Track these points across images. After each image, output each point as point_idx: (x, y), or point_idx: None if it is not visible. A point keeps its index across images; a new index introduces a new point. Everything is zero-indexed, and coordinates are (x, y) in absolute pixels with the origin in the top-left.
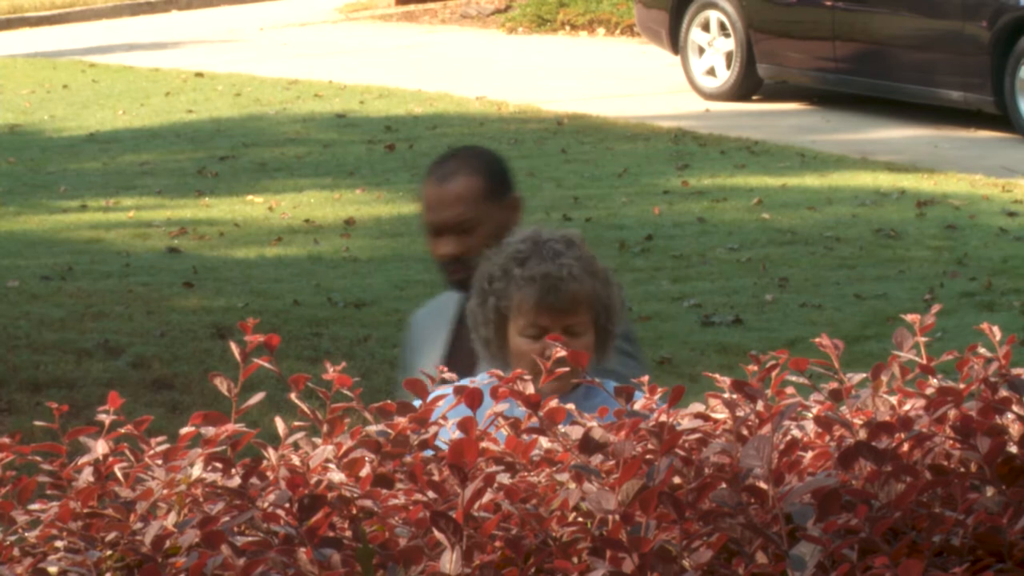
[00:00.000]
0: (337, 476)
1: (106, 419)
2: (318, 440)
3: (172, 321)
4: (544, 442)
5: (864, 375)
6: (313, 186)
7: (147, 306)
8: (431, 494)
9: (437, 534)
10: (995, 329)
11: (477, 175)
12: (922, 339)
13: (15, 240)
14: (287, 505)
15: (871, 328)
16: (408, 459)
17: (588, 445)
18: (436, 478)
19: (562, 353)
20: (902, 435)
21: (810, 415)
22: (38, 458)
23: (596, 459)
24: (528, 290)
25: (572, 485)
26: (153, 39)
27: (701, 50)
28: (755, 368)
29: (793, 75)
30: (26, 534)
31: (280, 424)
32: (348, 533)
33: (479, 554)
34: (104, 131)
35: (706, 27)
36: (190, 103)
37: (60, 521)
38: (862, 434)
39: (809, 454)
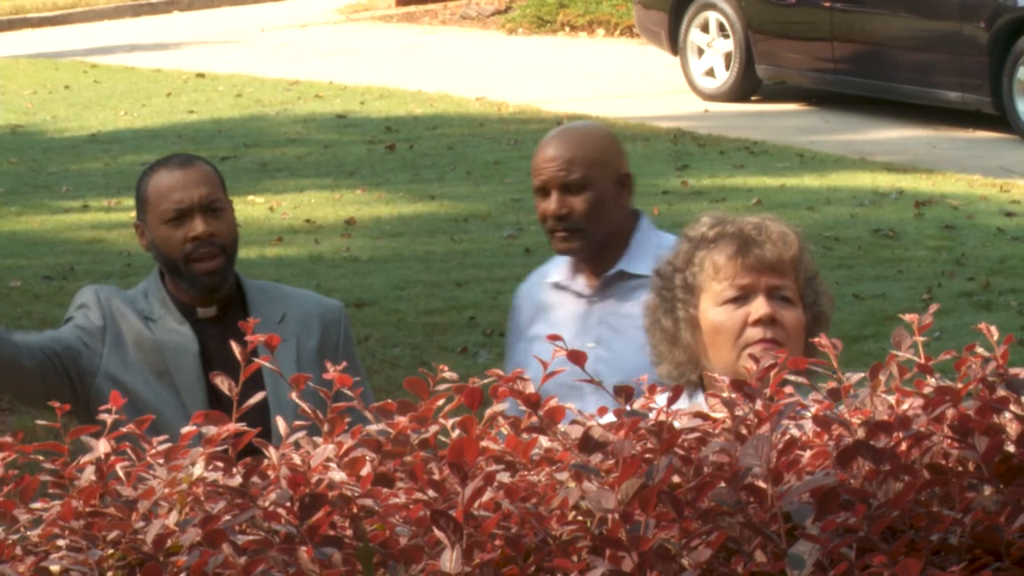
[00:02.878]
0: (338, 475)
1: (108, 418)
2: (319, 439)
3: None
4: (544, 441)
5: (862, 374)
6: (314, 186)
7: None
8: (431, 493)
9: (437, 533)
10: (993, 329)
11: (210, 165)
12: (920, 339)
13: (17, 240)
14: (288, 504)
15: (869, 328)
16: (408, 458)
17: (588, 444)
18: (436, 477)
19: (767, 311)
20: (900, 434)
21: (809, 414)
22: (40, 457)
23: (596, 458)
24: (723, 246)
25: (572, 484)
26: (155, 40)
27: (700, 51)
28: (754, 367)
29: (792, 76)
30: (28, 533)
31: (281, 424)
32: (349, 532)
33: (479, 552)
34: (106, 131)
35: (705, 28)
36: (191, 104)
37: (62, 520)
38: (860, 433)
39: (808, 453)
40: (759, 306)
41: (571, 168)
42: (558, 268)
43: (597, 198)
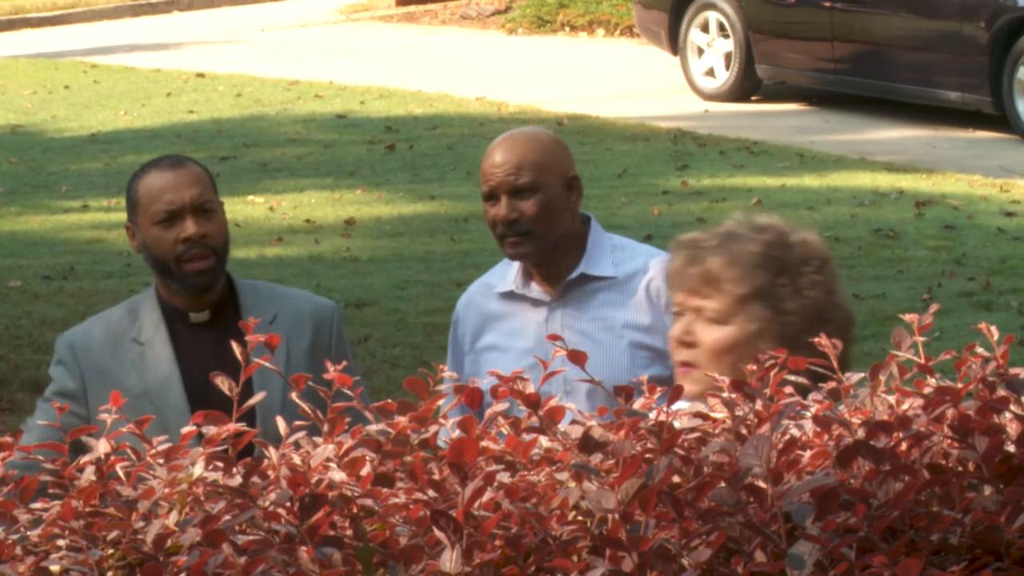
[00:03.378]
0: (338, 475)
1: (108, 418)
2: (319, 439)
3: None
4: (544, 441)
5: (863, 374)
6: (314, 186)
7: None
8: (431, 493)
9: (437, 533)
10: (993, 329)
11: (200, 166)
12: (920, 339)
13: (17, 240)
14: (288, 504)
15: (870, 328)
16: (408, 458)
17: (588, 444)
18: (436, 477)
19: (675, 332)
20: (900, 434)
21: (809, 414)
22: (40, 457)
23: (596, 458)
24: (671, 260)
25: (572, 484)
26: (154, 40)
27: (700, 51)
28: (754, 367)
29: (792, 76)
30: (28, 533)
31: (281, 423)
32: (349, 532)
33: (479, 553)
34: (105, 131)
35: (705, 28)
36: (191, 103)
37: (62, 520)
38: (860, 433)
39: (808, 453)
40: (673, 327)
41: (520, 172)
42: (505, 278)
43: (546, 201)
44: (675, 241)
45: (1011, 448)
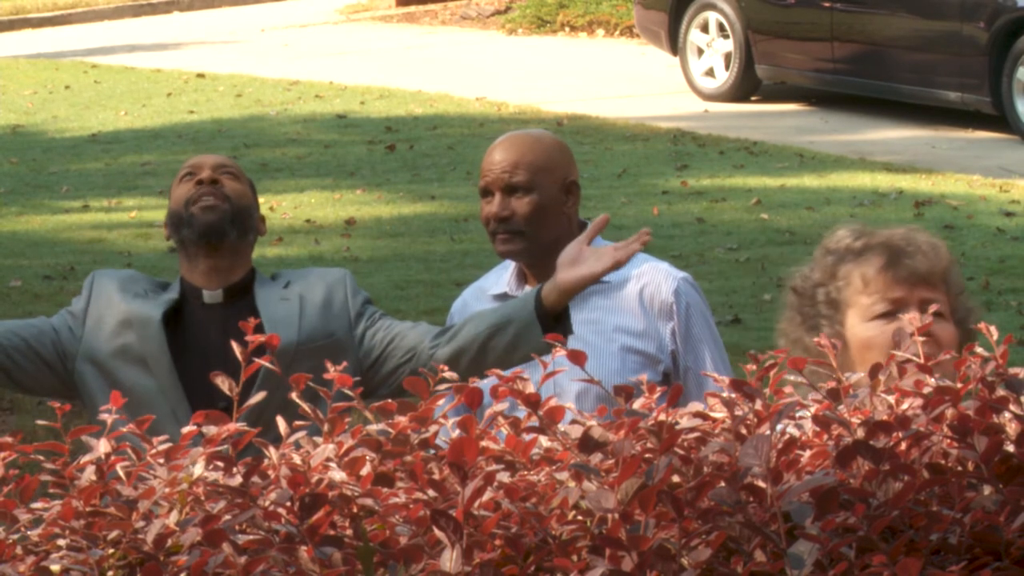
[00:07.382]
0: (338, 475)
1: (108, 418)
2: (319, 439)
3: None
4: (544, 441)
5: (862, 374)
6: (314, 186)
7: None
8: (431, 492)
9: (437, 532)
10: (992, 329)
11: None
12: (920, 339)
13: (17, 240)
14: (288, 504)
15: None
16: (408, 458)
17: (587, 444)
18: (436, 477)
19: (921, 324)
20: (900, 434)
21: (808, 414)
22: (40, 457)
23: (595, 458)
24: (872, 258)
25: (572, 484)
26: (155, 40)
27: (700, 51)
28: (754, 367)
29: (792, 76)
30: (29, 532)
31: (281, 423)
32: (349, 531)
33: (479, 552)
34: (106, 132)
35: (705, 28)
36: (191, 104)
37: (63, 519)
38: (860, 433)
39: (807, 453)
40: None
41: (515, 171)
42: (499, 280)
43: (540, 202)
44: (872, 239)
45: (1010, 448)
